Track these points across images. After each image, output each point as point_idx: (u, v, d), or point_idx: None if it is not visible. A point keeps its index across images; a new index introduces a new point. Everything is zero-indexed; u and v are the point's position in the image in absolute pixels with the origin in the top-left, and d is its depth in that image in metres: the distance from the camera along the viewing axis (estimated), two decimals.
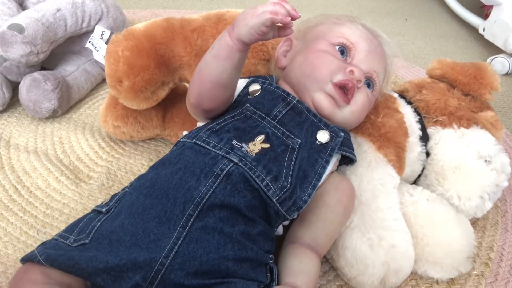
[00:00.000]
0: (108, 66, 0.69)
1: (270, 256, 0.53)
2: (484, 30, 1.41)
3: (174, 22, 0.71)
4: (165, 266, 0.45)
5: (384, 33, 0.67)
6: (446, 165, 0.68)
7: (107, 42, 0.93)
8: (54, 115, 0.86)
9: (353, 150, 0.61)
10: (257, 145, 0.53)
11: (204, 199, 0.48)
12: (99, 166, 0.78)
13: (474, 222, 0.73)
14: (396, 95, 0.73)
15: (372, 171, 0.64)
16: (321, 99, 0.59)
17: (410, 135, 0.68)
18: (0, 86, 0.85)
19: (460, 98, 0.73)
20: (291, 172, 0.52)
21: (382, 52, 0.64)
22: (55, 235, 0.51)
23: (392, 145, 0.66)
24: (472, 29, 1.57)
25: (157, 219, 0.47)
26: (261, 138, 0.53)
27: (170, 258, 0.45)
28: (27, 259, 0.48)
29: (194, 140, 0.54)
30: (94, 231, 0.49)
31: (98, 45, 0.93)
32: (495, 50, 1.38)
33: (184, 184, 0.49)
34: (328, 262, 0.64)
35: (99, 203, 0.58)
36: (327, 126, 0.58)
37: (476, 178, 0.67)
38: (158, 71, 0.70)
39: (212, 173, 0.50)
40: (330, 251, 0.61)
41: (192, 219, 0.47)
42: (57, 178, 0.73)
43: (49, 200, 0.69)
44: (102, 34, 0.94)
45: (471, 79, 0.74)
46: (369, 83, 0.63)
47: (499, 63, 1.30)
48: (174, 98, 0.81)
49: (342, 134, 0.58)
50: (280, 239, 0.59)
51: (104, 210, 0.52)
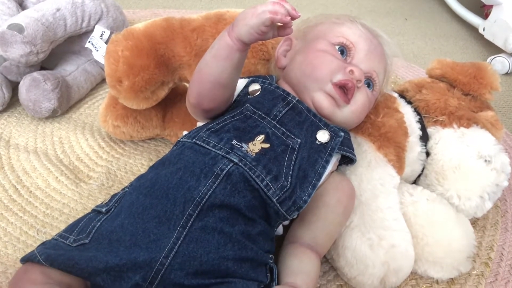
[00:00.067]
0: (107, 66, 0.69)
1: (270, 256, 0.53)
2: (484, 29, 1.40)
3: (174, 22, 0.71)
4: (165, 266, 0.45)
5: (384, 33, 0.67)
6: (446, 164, 0.68)
7: (107, 42, 0.93)
8: (54, 115, 0.86)
9: (353, 150, 0.61)
10: (257, 145, 0.53)
11: (204, 199, 0.48)
12: (99, 166, 0.78)
13: (474, 222, 0.73)
14: (396, 95, 0.73)
15: (372, 171, 0.64)
16: (321, 99, 0.59)
17: (410, 135, 0.68)
18: (0, 86, 0.85)
19: (460, 97, 0.73)
20: (291, 172, 0.52)
21: (382, 52, 0.64)
22: (55, 235, 0.51)
23: (392, 145, 0.66)
24: (472, 28, 1.56)
25: (157, 219, 0.47)
26: (261, 138, 0.53)
27: (170, 258, 0.45)
28: (27, 259, 0.48)
29: (194, 140, 0.54)
30: (94, 231, 0.49)
31: (98, 45, 0.93)
32: (495, 49, 1.38)
33: (184, 184, 0.49)
34: (328, 262, 0.64)
35: (99, 203, 0.58)
36: (327, 126, 0.58)
37: (476, 178, 0.67)
38: (158, 71, 0.70)
39: (212, 173, 0.50)
40: (330, 251, 0.61)
41: (192, 219, 0.47)
42: (57, 178, 0.73)
43: (49, 200, 0.69)
44: (102, 34, 0.94)
45: (471, 78, 0.74)
46: (369, 83, 0.63)
47: (499, 63, 1.30)
48: (174, 98, 0.81)
49: (342, 134, 0.58)
50: (280, 239, 0.59)
51: (104, 210, 0.52)
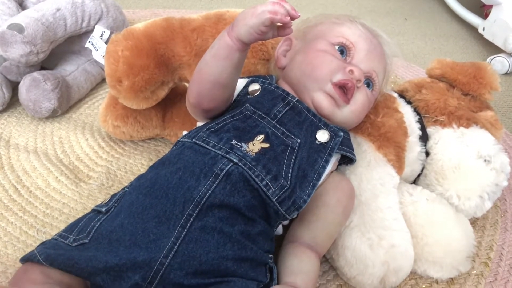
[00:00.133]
0: (107, 66, 0.69)
1: (270, 255, 0.53)
2: (483, 29, 1.40)
3: (173, 22, 0.71)
4: (164, 266, 0.45)
5: (383, 32, 0.67)
6: (446, 164, 0.68)
7: (106, 42, 0.93)
8: (54, 114, 0.86)
9: (352, 150, 0.61)
10: (256, 144, 0.53)
11: (204, 199, 0.48)
12: (99, 166, 0.78)
13: (474, 221, 0.73)
14: (395, 94, 0.73)
15: (372, 171, 0.64)
16: (320, 99, 0.59)
17: (410, 135, 0.68)
18: (0, 85, 0.85)
19: (459, 97, 0.73)
20: (290, 172, 0.52)
21: (381, 52, 0.64)
22: (55, 235, 0.51)
23: (391, 144, 0.66)
24: (471, 28, 1.56)
25: (156, 219, 0.47)
26: (260, 137, 0.53)
27: (169, 257, 0.45)
28: (27, 259, 0.48)
29: (194, 139, 0.54)
30: (93, 231, 0.49)
31: (97, 44, 0.93)
32: (494, 49, 1.38)
33: (184, 184, 0.49)
34: (328, 262, 0.64)
35: (98, 203, 0.58)
36: (326, 126, 0.58)
37: (476, 177, 0.67)
38: (158, 70, 0.70)
39: (211, 172, 0.50)
40: (330, 250, 0.61)
41: (191, 219, 0.47)
42: (56, 178, 0.73)
43: (49, 200, 0.69)
44: (102, 34, 0.94)
45: (471, 78, 0.74)
46: (368, 82, 0.63)
47: (498, 63, 1.30)
48: (174, 98, 0.81)
49: (342, 133, 0.58)
50: (280, 239, 0.59)
51: (103, 210, 0.52)
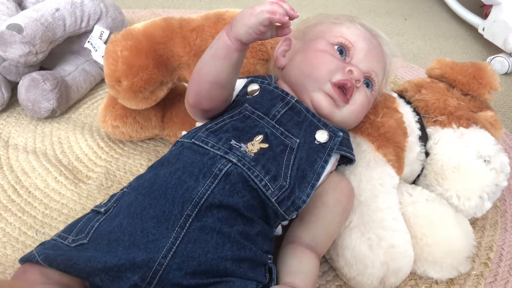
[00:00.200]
0: (107, 66, 0.69)
1: (269, 256, 0.53)
2: (483, 29, 1.40)
3: (173, 22, 0.71)
4: (163, 266, 0.45)
5: (383, 32, 0.67)
6: (446, 165, 0.68)
7: (106, 42, 0.93)
8: (53, 115, 0.86)
9: (352, 150, 0.61)
10: (255, 145, 0.53)
11: (203, 199, 0.48)
12: (98, 166, 0.78)
13: (474, 222, 0.73)
14: (395, 94, 0.73)
15: (371, 171, 0.63)
16: (320, 99, 0.59)
17: (409, 135, 0.68)
18: None
19: (459, 98, 0.73)
20: (289, 172, 0.52)
21: (381, 52, 0.64)
22: (54, 236, 0.51)
23: (391, 145, 0.66)
24: (471, 28, 1.56)
25: (155, 219, 0.47)
26: (259, 138, 0.53)
27: (168, 258, 0.45)
28: (26, 260, 0.48)
29: (193, 140, 0.54)
30: (92, 231, 0.49)
31: (97, 45, 0.93)
32: (494, 49, 1.38)
33: (183, 184, 0.49)
34: (328, 262, 0.64)
35: (98, 203, 0.58)
36: (326, 126, 0.58)
37: (476, 178, 0.67)
38: (157, 71, 0.70)
39: (210, 173, 0.49)
40: (330, 251, 0.61)
41: (190, 219, 0.47)
42: (56, 178, 0.73)
43: (48, 200, 0.69)
44: (101, 34, 0.94)
45: (471, 78, 0.74)
46: (368, 82, 0.63)
47: (498, 63, 1.30)
48: (173, 98, 0.81)
49: (341, 133, 0.58)
50: (279, 239, 0.59)
51: (102, 210, 0.52)
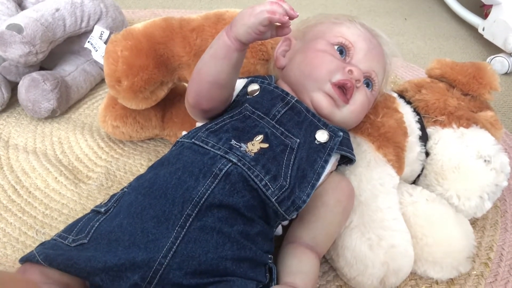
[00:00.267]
0: (107, 66, 0.69)
1: (269, 256, 0.53)
2: (483, 29, 1.40)
3: (173, 22, 0.71)
4: (163, 266, 0.45)
5: (383, 32, 0.67)
6: (446, 165, 0.68)
7: (106, 42, 0.93)
8: (53, 115, 0.86)
9: (352, 150, 0.61)
10: (256, 145, 0.53)
11: (203, 199, 0.48)
12: (98, 166, 0.78)
13: (474, 222, 0.73)
14: (395, 94, 0.73)
15: (372, 171, 0.63)
16: (320, 99, 0.59)
17: (410, 135, 0.68)
18: None
19: (459, 98, 0.73)
20: (290, 172, 0.52)
21: (381, 52, 0.64)
22: (54, 235, 0.51)
23: (391, 145, 0.66)
24: (471, 28, 1.56)
25: (155, 219, 0.47)
26: (260, 138, 0.53)
27: (168, 258, 0.45)
28: (26, 259, 0.48)
29: (193, 140, 0.54)
30: (92, 231, 0.49)
31: (97, 45, 0.93)
32: (494, 49, 1.38)
33: (183, 184, 0.49)
34: (328, 262, 0.64)
35: (98, 203, 0.58)
36: (326, 126, 0.58)
37: (476, 178, 0.67)
38: (157, 71, 0.70)
39: (210, 173, 0.49)
40: (330, 251, 0.61)
41: (190, 219, 0.47)
42: (56, 178, 0.73)
43: (48, 200, 0.69)
44: (101, 34, 0.94)
45: (471, 78, 0.74)
46: (368, 82, 0.63)
47: (498, 63, 1.30)
48: (173, 98, 0.81)
49: (341, 133, 0.58)
50: (280, 239, 0.59)
51: (103, 210, 0.52)
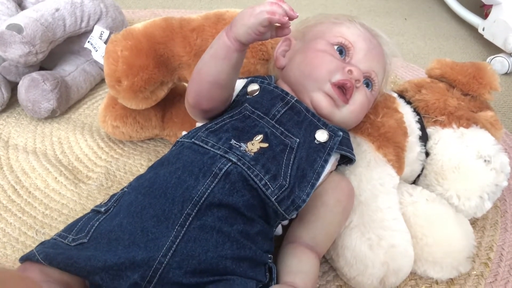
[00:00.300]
0: (107, 66, 0.69)
1: (269, 255, 0.53)
2: (483, 29, 1.40)
3: (173, 22, 0.71)
4: (163, 265, 0.45)
5: (383, 32, 0.67)
6: (446, 165, 0.68)
7: (106, 42, 0.93)
8: (53, 115, 0.86)
9: (352, 150, 0.61)
10: (255, 144, 0.53)
11: (203, 198, 0.48)
12: (98, 166, 0.78)
13: (474, 222, 0.73)
14: (395, 95, 0.73)
15: (372, 171, 0.63)
16: (319, 99, 0.59)
17: (410, 135, 0.68)
18: None
19: (459, 98, 0.73)
20: (289, 172, 0.52)
21: (381, 52, 0.64)
22: (54, 235, 0.51)
23: (391, 145, 0.66)
24: (471, 28, 1.56)
25: (155, 218, 0.47)
26: (259, 137, 0.53)
27: (168, 257, 0.45)
28: (26, 258, 0.48)
29: (193, 139, 0.54)
30: (92, 230, 0.49)
31: (97, 45, 0.93)
32: (494, 49, 1.38)
33: (183, 184, 0.49)
34: (328, 262, 0.64)
35: (98, 203, 0.58)
36: (325, 126, 0.58)
37: (476, 178, 0.67)
38: (157, 70, 0.70)
39: (210, 172, 0.49)
40: (330, 251, 0.61)
41: (190, 218, 0.47)
42: (56, 178, 0.73)
43: (48, 200, 0.69)
44: (101, 34, 0.94)
45: (471, 78, 0.74)
46: (368, 82, 0.63)
47: (498, 63, 1.30)
48: (173, 98, 0.81)
49: (341, 133, 0.58)
50: (280, 239, 0.59)
51: (103, 210, 0.52)
